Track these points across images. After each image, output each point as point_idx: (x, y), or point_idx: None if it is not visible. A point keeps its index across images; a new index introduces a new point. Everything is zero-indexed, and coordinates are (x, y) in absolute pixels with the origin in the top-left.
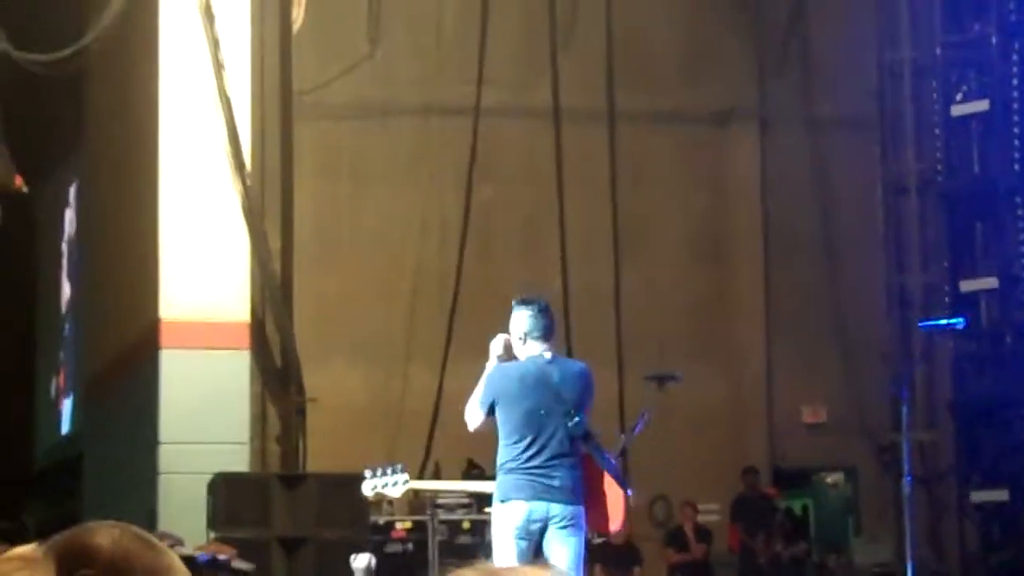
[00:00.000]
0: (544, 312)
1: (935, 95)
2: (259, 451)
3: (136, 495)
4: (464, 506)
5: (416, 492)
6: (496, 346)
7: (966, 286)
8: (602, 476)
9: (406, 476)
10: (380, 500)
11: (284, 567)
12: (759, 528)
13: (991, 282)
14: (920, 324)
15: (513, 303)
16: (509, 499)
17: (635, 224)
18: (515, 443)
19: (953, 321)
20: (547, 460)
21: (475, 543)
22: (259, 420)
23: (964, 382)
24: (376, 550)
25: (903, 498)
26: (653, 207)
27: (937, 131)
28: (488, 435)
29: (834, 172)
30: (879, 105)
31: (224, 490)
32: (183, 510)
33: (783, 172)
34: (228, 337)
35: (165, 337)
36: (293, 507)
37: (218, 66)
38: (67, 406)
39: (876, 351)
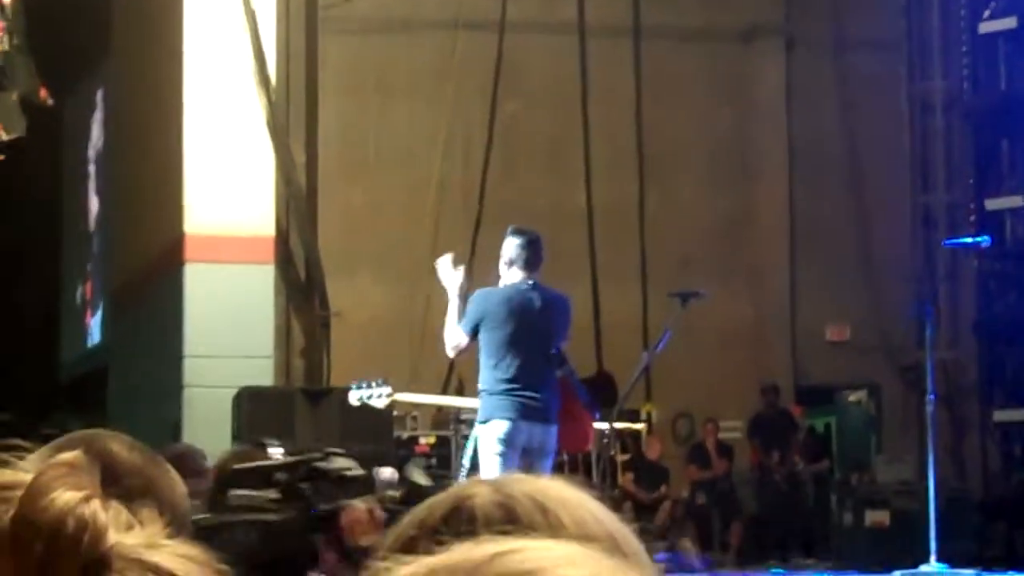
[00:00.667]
0: (533, 244)
1: (962, 12)
2: (283, 365)
3: (161, 408)
4: None
5: (439, 408)
6: (447, 272)
7: (991, 204)
8: (575, 399)
9: (389, 389)
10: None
11: None
12: (776, 445)
13: (1016, 200)
14: (944, 243)
15: (508, 230)
16: (493, 418)
17: (659, 142)
18: (497, 365)
19: (978, 239)
20: (528, 382)
21: None
22: (283, 334)
23: (988, 301)
24: (400, 464)
25: (926, 416)
26: (678, 125)
27: (964, 49)
28: None
29: (860, 90)
30: (906, 23)
31: (248, 404)
32: (207, 423)
33: (808, 90)
34: (253, 251)
35: (190, 251)
36: (317, 421)
37: None
38: (95, 319)
39: (900, 270)
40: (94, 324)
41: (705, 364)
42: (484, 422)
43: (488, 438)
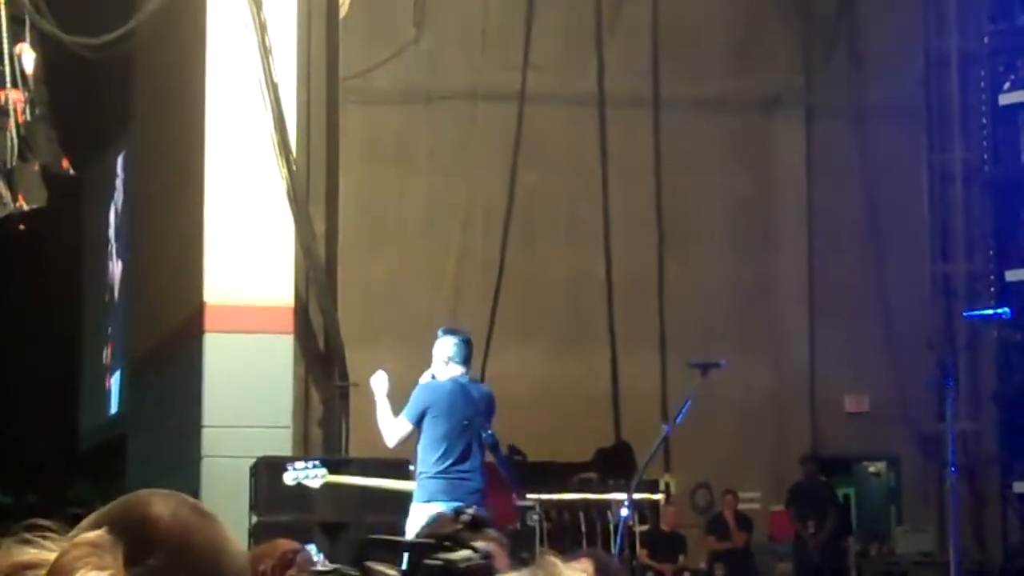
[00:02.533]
0: (468, 342)
1: (982, 84)
2: (302, 435)
3: (179, 478)
4: None
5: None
6: (379, 383)
7: (1011, 276)
8: (500, 479)
9: (324, 471)
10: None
11: (326, 552)
12: (812, 516)
13: None
14: (965, 314)
15: (439, 332)
16: (434, 500)
17: (679, 211)
18: (438, 450)
19: (999, 311)
20: (467, 466)
21: (516, 529)
22: (302, 404)
23: (1008, 371)
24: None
25: (946, 488)
26: (697, 194)
27: (984, 120)
28: (529, 420)
29: (880, 160)
30: (926, 93)
31: (266, 474)
32: (226, 494)
33: (829, 160)
34: (272, 321)
35: (209, 321)
36: (335, 492)
37: (265, 51)
38: (114, 384)
39: (920, 340)
40: (114, 392)
41: (724, 434)
42: (426, 502)
43: (425, 518)
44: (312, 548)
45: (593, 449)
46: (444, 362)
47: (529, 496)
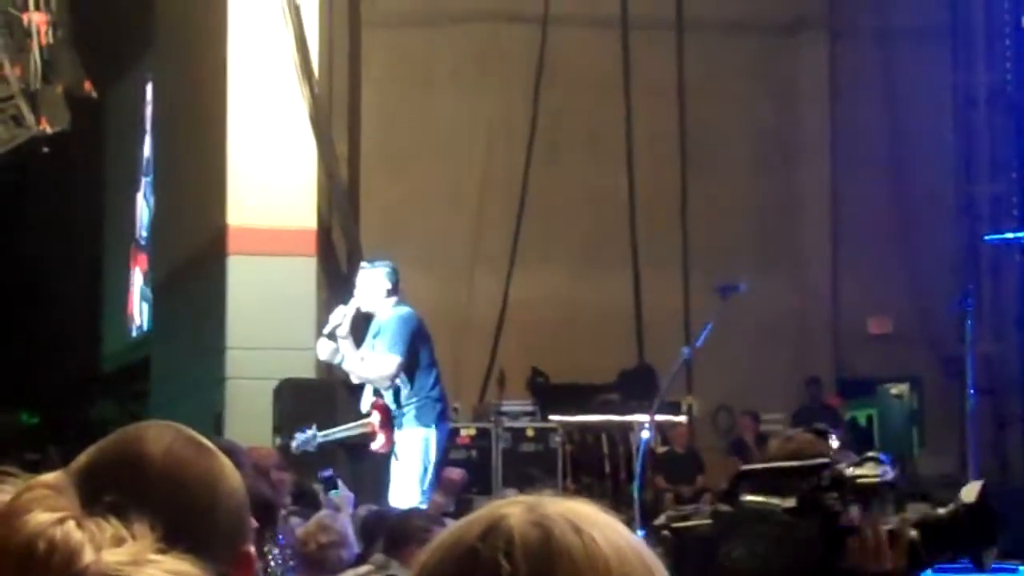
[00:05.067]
0: (397, 269)
1: (1006, 5)
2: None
3: (202, 399)
4: (528, 414)
5: (481, 398)
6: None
7: None
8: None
9: (315, 431)
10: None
11: (349, 472)
12: None
13: None
14: (985, 238)
15: (369, 263)
16: (440, 423)
17: (702, 133)
18: (434, 375)
19: (1020, 236)
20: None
21: (538, 451)
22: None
23: None
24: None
25: (967, 410)
26: (720, 116)
27: (1008, 42)
28: (552, 341)
29: (904, 83)
30: (951, 15)
31: (290, 396)
32: (249, 415)
33: (853, 82)
34: (295, 243)
35: (233, 243)
36: (358, 412)
37: None
38: (138, 306)
39: (943, 262)
40: (137, 315)
41: (745, 356)
42: (429, 426)
43: (432, 441)
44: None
45: (615, 370)
46: (388, 293)
47: (551, 417)
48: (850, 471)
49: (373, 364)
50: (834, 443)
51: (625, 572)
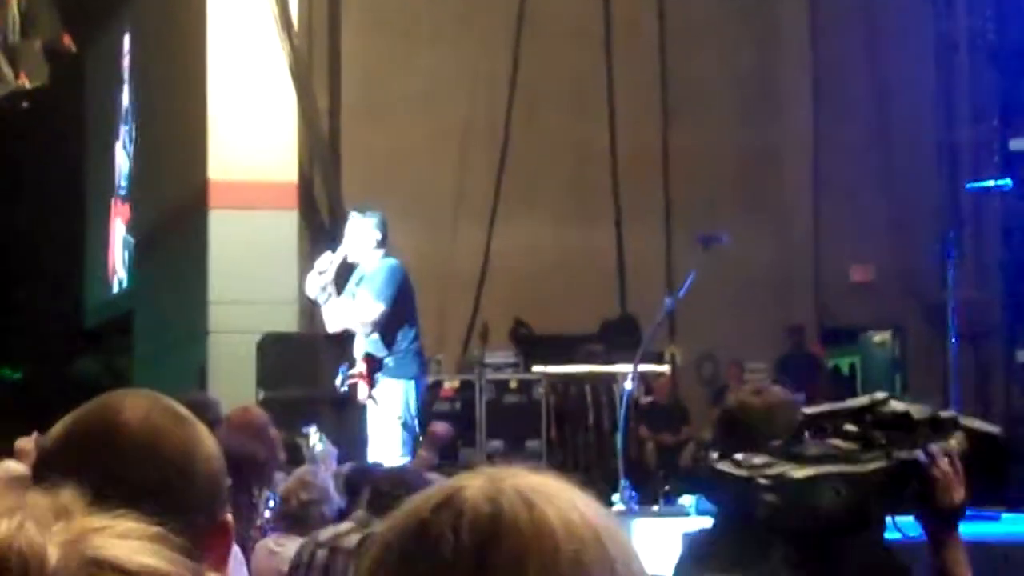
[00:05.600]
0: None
1: None
2: (308, 310)
3: (186, 353)
4: (511, 365)
5: (464, 350)
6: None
7: (1015, 144)
8: None
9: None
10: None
11: (334, 425)
12: (803, 386)
13: None
14: (967, 186)
15: (359, 212)
16: (419, 376)
17: (684, 82)
18: (415, 327)
19: (1000, 183)
20: None
21: (522, 402)
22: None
23: (1013, 241)
24: (424, 409)
25: (949, 358)
26: (702, 65)
27: None
28: (535, 292)
29: (885, 28)
30: None
31: (273, 349)
32: (232, 369)
33: (833, 29)
34: (276, 197)
35: (214, 197)
36: (341, 365)
37: None
38: (119, 261)
39: (926, 209)
40: (119, 269)
41: (729, 305)
42: (412, 379)
43: (412, 392)
44: (312, 428)
45: (598, 321)
46: (378, 243)
47: (534, 368)
48: (889, 408)
49: (357, 309)
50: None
51: (574, 548)
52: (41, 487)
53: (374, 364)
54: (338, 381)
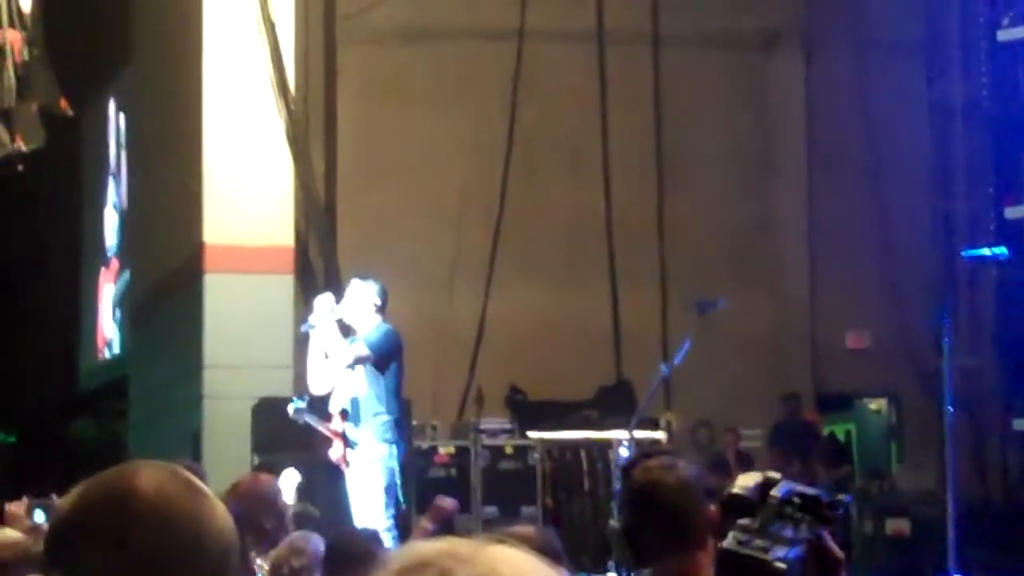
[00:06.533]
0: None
1: (981, 19)
2: (303, 376)
3: (181, 418)
4: (507, 431)
5: (459, 416)
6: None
7: (1011, 213)
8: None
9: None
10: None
11: (328, 491)
12: (796, 455)
13: None
14: (963, 254)
15: (360, 279)
16: (399, 442)
17: (679, 148)
18: (397, 395)
19: (996, 251)
20: None
21: (518, 468)
22: (303, 344)
23: (1008, 309)
24: (419, 475)
25: (945, 425)
26: (697, 130)
27: (983, 55)
28: (530, 358)
29: (880, 96)
30: (925, 28)
31: (268, 414)
32: (227, 434)
33: (828, 95)
34: (272, 261)
35: (210, 261)
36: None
37: None
38: (114, 325)
39: (921, 276)
40: (114, 333)
41: (724, 371)
42: (392, 443)
43: (393, 455)
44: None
45: (594, 387)
46: (376, 308)
47: (530, 434)
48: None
49: (345, 347)
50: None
51: None
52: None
53: (345, 419)
54: (289, 409)
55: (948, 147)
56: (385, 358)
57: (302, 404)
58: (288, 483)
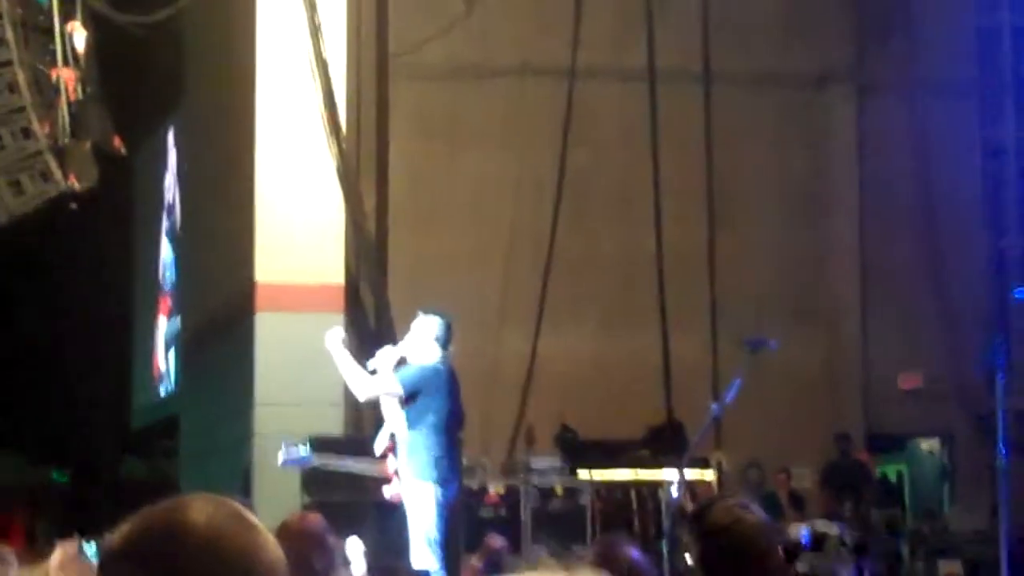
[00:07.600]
0: (451, 325)
1: None
2: (353, 414)
3: (231, 456)
4: (557, 470)
5: (509, 455)
6: (333, 340)
7: None
8: None
9: (308, 449)
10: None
11: (378, 531)
12: (849, 495)
13: None
14: (1015, 293)
15: (424, 311)
16: (445, 482)
17: (730, 187)
18: (437, 433)
19: None
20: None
21: (568, 508)
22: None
23: None
24: (469, 515)
25: (998, 466)
26: (748, 170)
27: None
28: (580, 397)
29: (932, 136)
30: (978, 68)
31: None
32: (277, 473)
33: (881, 135)
34: (323, 300)
35: (261, 300)
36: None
37: (314, 28)
38: (166, 363)
39: (974, 316)
40: (166, 371)
41: (775, 411)
42: (436, 482)
43: (436, 495)
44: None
45: (644, 427)
46: (432, 342)
47: (580, 474)
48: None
49: (359, 375)
50: None
51: None
52: None
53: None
54: (279, 457)
55: (1000, 186)
56: (416, 395)
57: (294, 450)
58: (355, 552)
